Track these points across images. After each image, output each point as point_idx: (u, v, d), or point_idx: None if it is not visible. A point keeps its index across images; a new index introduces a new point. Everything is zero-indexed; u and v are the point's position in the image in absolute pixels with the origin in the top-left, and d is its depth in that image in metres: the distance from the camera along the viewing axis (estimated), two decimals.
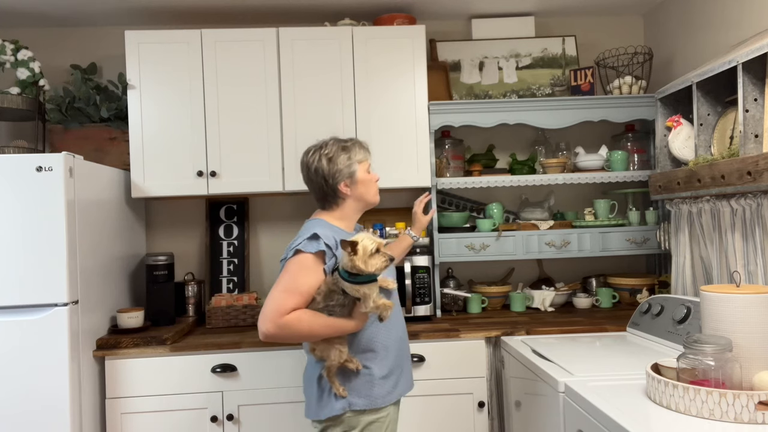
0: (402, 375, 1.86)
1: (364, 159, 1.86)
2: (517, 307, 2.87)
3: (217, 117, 2.65)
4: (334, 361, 1.71)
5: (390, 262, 1.67)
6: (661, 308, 2.22)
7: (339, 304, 1.69)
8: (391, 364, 1.81)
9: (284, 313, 1.63)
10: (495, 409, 2.47)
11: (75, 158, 2.20)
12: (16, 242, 2.09)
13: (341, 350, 1.71)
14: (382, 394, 1.77)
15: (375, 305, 1.66)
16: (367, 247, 1.62)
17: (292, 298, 1.65)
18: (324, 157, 1.82)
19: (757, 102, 1.92)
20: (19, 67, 2.51)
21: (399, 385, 1.84)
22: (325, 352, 1.72)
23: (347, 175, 1.82)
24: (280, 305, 1.64)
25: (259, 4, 2.85)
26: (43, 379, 2.09)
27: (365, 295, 1.65)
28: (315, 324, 1.67)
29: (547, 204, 2.97)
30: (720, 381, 1.46)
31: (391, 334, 1.82)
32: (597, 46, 3.13)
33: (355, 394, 1.74)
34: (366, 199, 1.88)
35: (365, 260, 1.61)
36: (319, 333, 1.68)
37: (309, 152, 1.87)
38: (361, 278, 1.64)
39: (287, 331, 1.65)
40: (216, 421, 2.33)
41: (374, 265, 1.62)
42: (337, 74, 2.68)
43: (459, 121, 2.76)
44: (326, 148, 1.84)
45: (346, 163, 1.82)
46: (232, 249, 2.99)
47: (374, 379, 1.76)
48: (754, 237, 1.93)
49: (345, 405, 1.73)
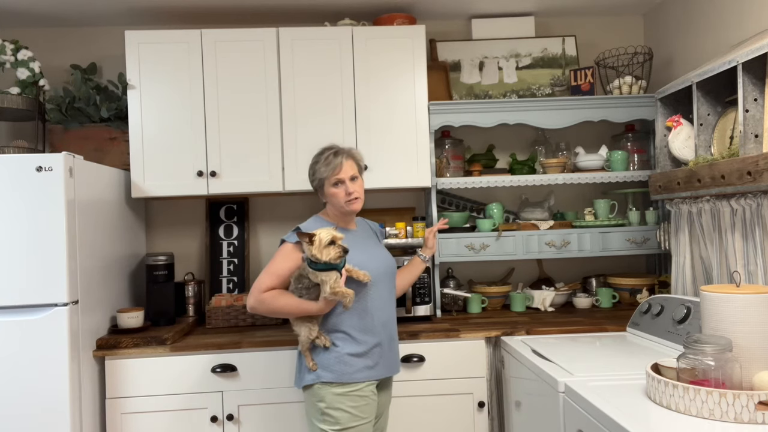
0: (381, 358, 2.00)
1: (326, 176, 2.02)
2: (517, 307, 2.87)
3: (217, 117, 2.65)
4: (303, 338, 1.96)
5: (344, 254, 1.87)
6: (661, 308, 2.22)
7: (305, 287, 1.94)
8: (363, 345, 1.96)
9: (263, 290, 1.94)
10: (495, 409, 2.47)
11: (75, 158, 2.20)
12: (16, 242, 2.09)
13: (311, 328, 1.95)
14: (350, 371, 1.93)
15: (332, 291, 1.87)
16: (323, 239, 1.85)
17: (270, 279, 1.95)
18: (312, 161, 2.11)
19: (757, 102, 1.92)
20: (19, 67, 2.51)
21: (377, 368, 1.99)
22: (298, 328, 1.97)
23: (317, 187, 2.09)
24: (261, 284, 1.95)
25: (259, 4, 2.85)
26: (43, 379, 2.09)
27: (322, 281, 1.88)
28: (285, 303, 1.94)
29: (547, 204, 2.97)
30: (720, 381, 1.46)
31: (365, 320, 1.98)
32: (597, 46, 3.13)
33: (324, 368, 1.94)
34: (339, 208, 2.05)
35: (320, 250, 1.84)
36: (288, 311, 1.95)
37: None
38: (319, 266, 1.87)
39: (264, 306, 1.94)
40: (216, 421, 2.33)
41: (328, 254, 1.84)
42: (337, 74, 2.68)
43: (459, 121, 2.76)
44: (313, 157, 2.10)
45: (316, 176, 2.06)
46: (232, 249, 2.99)
47: (342, 356, 1.94)
48: (754, 237, 1.93)
49: (315, 377, 1.95)
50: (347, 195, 2.02)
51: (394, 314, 2.10)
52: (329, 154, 2.04)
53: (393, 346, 2.07)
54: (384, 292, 2.05)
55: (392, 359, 2.07)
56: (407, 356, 2.38)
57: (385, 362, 2.02)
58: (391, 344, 2.05)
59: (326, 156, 2.04)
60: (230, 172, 2.65)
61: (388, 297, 2.07)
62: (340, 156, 2.03)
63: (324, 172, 2.03)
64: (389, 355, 2.04)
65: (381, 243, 2.24)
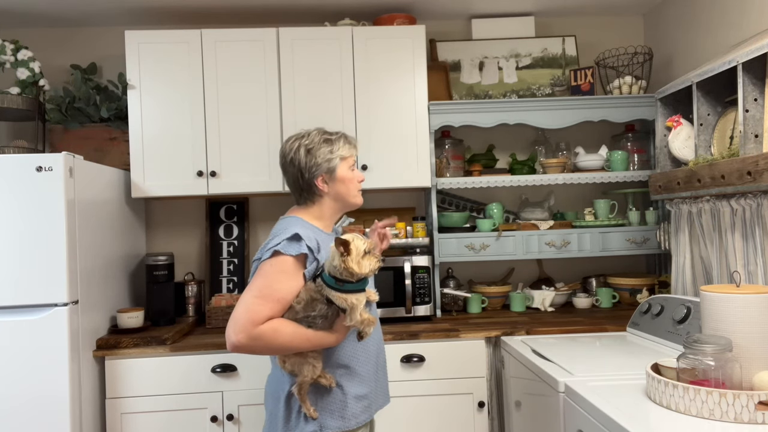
0: (378, 392, 1.73)
1: (348, 155, 1.69)
2: (517, 307, 2.87)
3: (217, 117, 2.65)
4: (307, 377, 1.54)
5: (382, 263, 1.53)
6: (661, 308, 2.22)
7: (321, 315, 1.51)
8: (366, 380, 1.66)
9: (258, 322, 1.45)
10: (495, 409, 2.47)
11: (75, 158, 2.20)
12: (16, 242, 2.09)
13: (315, 365, 1.54)
14: (355, 414, 1.62)
15: (361, 319, 1.50)
16: (360, 247, 1.47)
17: (267, 306, 1.47)
18: (303, 147, 1.66)
19: (757, 102, 1.92)
20: (19, 67, 2.51)
21: (374, 403, 1.71)
22: (298, 367, 1.54)
23: (326, 170, 1.65)
24: (254, 313, 1.46)
25: (259, 4, 2.85)
26: (43, 379, 2.08)
27: (353, 306, 1.49)
28: (293, 336, 1.49)
29: (547, 204, 2.97)
30: (720, 381, 1.46)
31: (369, 348, 1.68)
32: (597, 46, 3.13)
33: (327, 414, 1.59)
34: (345, 200, 1.70)
35: (359, 261, 1.46)
36: (296, 346, 1.51)
37: (289, 140, 1.71)
38: (351, 286, 1.48)
39: (261, 343, 1.46)
40: (216, 421, 2.33)
41: (367, 266, 1.48)
42: (337, 74, 2.68)
43: (459, 121, 2.76)
44: (307, 138, 1.68)
45: (326, 157, 1.65)
46: (232, 249, 2.99)
47: (347, 397, 1.61)
48: (754, 237, 1.93)
49: (316, 427, 1.57)
50: (359, 182, 1.72)
51: (381, 334, 1.80)
52: (337, 136, 1.70)
53: (385, 371, 1.81)
54: (374, 306, 1.74)
55: (385, 387, 1.79)
56: (407, 356, 2.38)
57: (381, 393, 1.75)
58: (384, 369, 1.79)
59: (337, 136, 1.69)
60: (230, 172, 2.65)
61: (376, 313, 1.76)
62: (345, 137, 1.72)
63: (347, 151, 1.67)
64: (384, 384, 1.78)
65: None
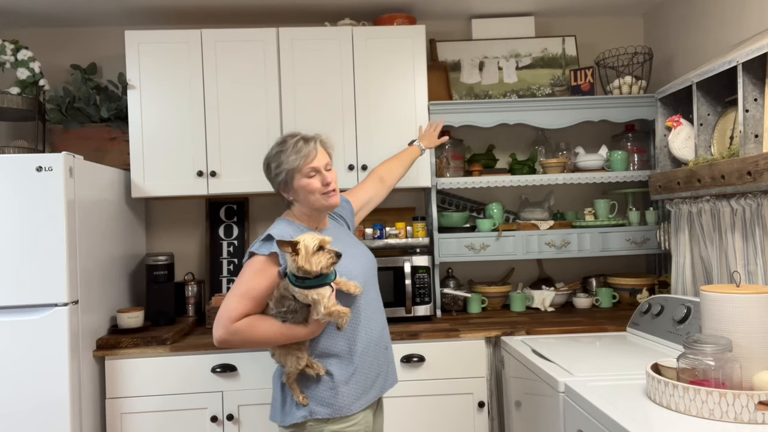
0: (378, 377, 1.78)
1: (301, 164, 1.71)
2: (517, 307, 2.87)
3: (217, 117, 2.65)
4: (291, 369, 1.65)
5: (337, 259, 1.55)
6: (661, 308, 2.22)
7: (291, 311, 1.61)
8: (358, 368, 1.71)
9: (235, 318, 1.60)
10: (495, 409, 2.47)
11: (75, 158, 2.20)
12: (16, 242, 2.09)
13: (299, 357, 1.64)
14: (347, 402, 1.67)
15: (327, 311, 1.55)
16: (309, 244, 1.51)
17: (243, 303, 1.61)
18: (266, 159, 1.78)
19: (757, 102, 1.92)
20: (19, 67, 2.51)
21: (372, 389, 1.75)
22: (283, 359, 1.66)
23: (282, 182, 1.75)
24: (232, 311, 1.60)
25: (259, 4, 2.85)
26: (43, 379, 2.08)
27: (315, 301, 1.55)
28: (266, 331, 1.62)
29: (547, 204, 2.97)
30: (720, 381, 1.46)
31: (359, 337, 1.72)
32: (597, 46, 3.13)
33: (316, 401, 1.67)
34: (311, 206, 1.76)
35: (308, 259, 1.51)
36: (270, 340, 1.64)
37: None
38: (309, 282, 1.54)
39: (238, 338, 1.61)
40: (216, 421, 2.33)
41: (319, 263, 1.51)
42: (337, 74, 2.68)
43: (459, 121, 2.76)
44: (272, 148, 1.77)
45: (276, 171, 1.74)
46: (232, 249, 2.99)
47: (337, 385, 1.67)
48: (754, 237, 1.93)
49: (306, 413, 1.67)
50: (324, 186, 1.72)
51: (385, 319, 1.86)
52: (297, 140, 1.73)
53: (388, 356, 1.85)
54: (373, 296, 1.81)
55: (389, 371, 1.85)
56: (407, 356, 2.38)
57: (382, 378, 1.80)
58: (386, 355, 1.84)
59: (294, 142, 1.72)
60: (230, 172, 2.65)
61: (377, 301, 1.84)
62: (312, 142, 1.73)
63: (294, 161, 1.70)
64: (386, 369, 1.82)
65: (352, 233, 1.99)
